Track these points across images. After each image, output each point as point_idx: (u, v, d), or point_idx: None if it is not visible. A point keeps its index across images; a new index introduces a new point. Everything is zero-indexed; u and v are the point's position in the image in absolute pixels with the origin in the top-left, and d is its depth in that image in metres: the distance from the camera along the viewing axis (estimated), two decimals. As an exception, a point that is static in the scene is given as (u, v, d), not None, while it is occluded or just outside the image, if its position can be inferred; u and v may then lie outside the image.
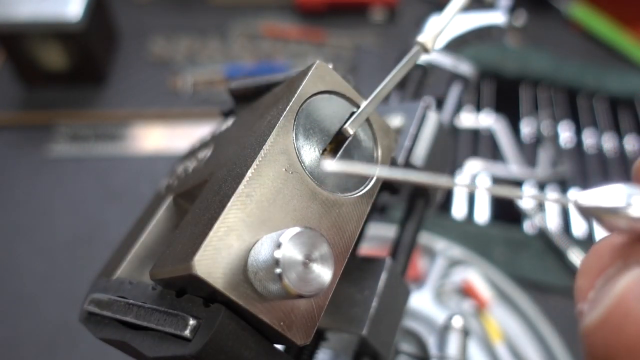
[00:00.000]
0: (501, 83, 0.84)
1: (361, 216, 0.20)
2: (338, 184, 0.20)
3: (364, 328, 0.23)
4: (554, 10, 0.99)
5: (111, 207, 0.70)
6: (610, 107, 0.83)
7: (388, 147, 0.22)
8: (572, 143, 0.78)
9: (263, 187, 0.18)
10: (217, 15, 0.94)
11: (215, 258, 0.16)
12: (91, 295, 0.22)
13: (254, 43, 0.90)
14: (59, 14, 0.73)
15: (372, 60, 0.88)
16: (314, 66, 0.21)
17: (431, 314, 0.55)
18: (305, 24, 0.93)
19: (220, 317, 0.16)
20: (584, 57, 0.91)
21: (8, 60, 0.78)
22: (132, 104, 0.81)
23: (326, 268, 0.16)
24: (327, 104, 0.21)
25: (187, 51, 0.88)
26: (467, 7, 0.22)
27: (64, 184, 0.72)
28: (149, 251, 0.25)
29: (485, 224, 0.67)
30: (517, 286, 0.59)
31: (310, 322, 0.18)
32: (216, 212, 0.17)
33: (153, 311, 0.18)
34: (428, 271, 0.60)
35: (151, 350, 0.17)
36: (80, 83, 0.82)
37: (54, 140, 0.76)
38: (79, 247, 0.66)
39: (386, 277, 0.24)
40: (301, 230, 0.16)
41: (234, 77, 0.83)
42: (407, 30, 0.93)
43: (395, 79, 0.21)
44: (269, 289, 0.16)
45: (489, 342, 0.55)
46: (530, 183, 0.72)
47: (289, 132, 0.19)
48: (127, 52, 0.88)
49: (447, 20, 0.22)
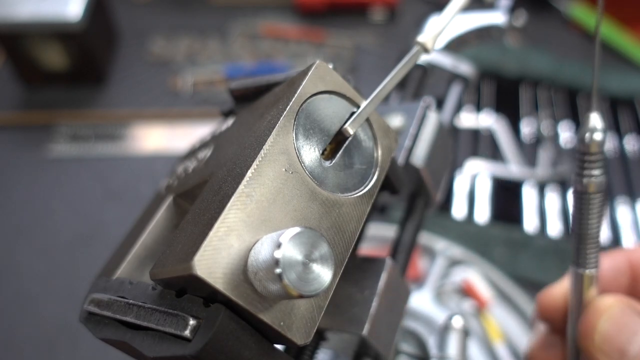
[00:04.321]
0: (501, 83, 0.84)
1: (361, 216, 0.20)
2: (338, 184, 0.20)
3: (364, 328, 0.23)
4: (554, 10, 0.99)
5: (111, 207, 0.70)
6: (610, 107, 0.83)
7: (388, 147, 0.22)
8: (572, 143, 0.78)
9: (263, 187, 0.18)
10: (217, 15, 0.94)
11: (215, 258, 0.16)
12: (91, 295, 0.22)
13: (254, 43, 0.90)
14: (59, 14, 0.73)
15: (372, 60, 0.88)
16: (314, 66, 0.21)
17: (431, 314, 0.55)
18: (305, 24, 0.93)
19: (220, 317, 0.16)
20: (584, 57, 0.91)
21: (8, 60, 0.78)
22: (132, 104, 0.81)
23: (326, 268, 0.16)
24: (327, 104, 0.21)
25: (187, 51, 0.88)
26: (467, 7, 0.22)
27: (64, 184, 0.72)
28: (149, 251, 0.25)
29: (485, 224, 0.67)
30: (517, 286, 0.59)
31: (310, 322, 0.18)
32: (216, 212, 0.17)
33: (153, 311, 0.18)
34: (428, 271, 0.60)
35: (151, 350, 0.17)
36: (80, 83, 0.82)
37: (54, 140, 0.76)
38: (79, 247, 0.66)
39: (386, 277, 0.24)
40: (301, 230, 0.16)
41: (234, 77, 0.83)
42: (407, 30, 0.93)
43: (395, 79, 0.21)
44: (269, 289, 0.16)
45: (489, 342, 0.55)
46: (530, 183, 0.72)
47: (289, 132, 0.19)
48: (127, 52, 0.88)
49: (447, 20, 0.22)
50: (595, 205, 0.23)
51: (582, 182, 0.22)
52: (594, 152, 0.22)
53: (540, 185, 0.72)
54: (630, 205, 0.70)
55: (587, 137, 0.21)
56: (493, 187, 0.71)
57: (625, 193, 0.72)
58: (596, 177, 0.22)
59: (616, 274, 0.29)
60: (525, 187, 0.71)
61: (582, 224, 0.23)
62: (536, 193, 0.71)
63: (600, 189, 0.22)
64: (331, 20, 0.94)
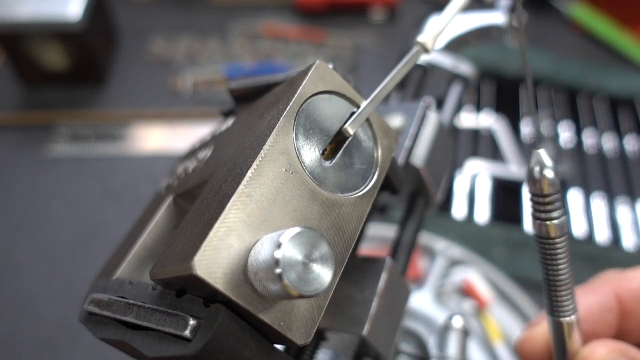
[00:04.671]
0: (501, 83, 0.84)
1: (361, 216, 0.20)
2: (338, 184, 0.20)
3: (364, 328, 0.23)
4: (554, 10, 0.99)
5: (111, 207, 0.70)
6: (610, 107, 0.83)
7: (388, 147, 0.22)
8: (572, 143, 0.78)
9: (263, 187, 0.18)
10: (217, 15, 0.94)
11: (215, 258, 0.16)
12: (91, 295, 0.22)
13: (254, 43, 0.90)
14: (59, 14, 0.73)
15: (372, 60, 0.88)
16: (314, 66, 0.21)
17: (431, 314, 0.55)
18: (305, 24, 0.93)
19: (220, 317, 0.16)
20: (584, 57, 0.91)
21: (8, 60, 0.78)
22: (132, 104, 0.81)
23: (326, 268, 0.16)
24: (327, 104, 0.21)
25: (187, 51, 0.88)
26: (467, 7, 0.22)
27: (64, 184, 0.72)
28: (149, 251, 0.25)
29: (485, 224, 0.67)
30: (517, 286, 0.59)
31: (310, 322, 0.18)
32: (216, 212, 0.17)
33: (153, 311, 0.18)
34: (428, 271, 0.60)
35: (151, 350, 0.17)
36: (80, 83, 0.82)
37: (54, 140, 0.76)
38: (79, 247, 0.66)
39: (386, 277, 0.24)
40: (301, 230, 0.16)
41: (234, 77, 0.83)
42: (407, 30, 0.93)
43: (395, 79, 0.21)
44: (269, 289, 0.16)
45: (489, 342, 0.55)
46: (530, 183, 0.72)
47: (289, 132, 0.19)
48: (127, 52, 0.88)
49: (447, 20, 0.22)
50: (560, 249, 0.20)
51: (541, 228, 0.20)
52: (548, 193, 0.19)
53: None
54: (630, 205, 0.70)
55: (537, 176, 0.19)
56: (493, 187, 0.71)
57: (625, 193, 0.72)
58: (556, 219, 0.20)
59: (603, 311, 0.26)
60: (525, 187, 0.71)
61: (549, 271, 0.21)
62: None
63: (563, 232, 0.20)
64: (331, 20, 0.94)
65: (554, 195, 0.19)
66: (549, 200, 0.20)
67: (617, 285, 0.27)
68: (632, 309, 0.26)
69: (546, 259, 0.21)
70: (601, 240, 0.67)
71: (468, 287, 0.58)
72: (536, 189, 0.19)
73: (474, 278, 0.59)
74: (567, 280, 0.21)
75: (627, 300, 0.26)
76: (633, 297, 0.26)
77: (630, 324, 0.26)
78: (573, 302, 0.22)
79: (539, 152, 0.19)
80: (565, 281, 0.21)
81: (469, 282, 0.58)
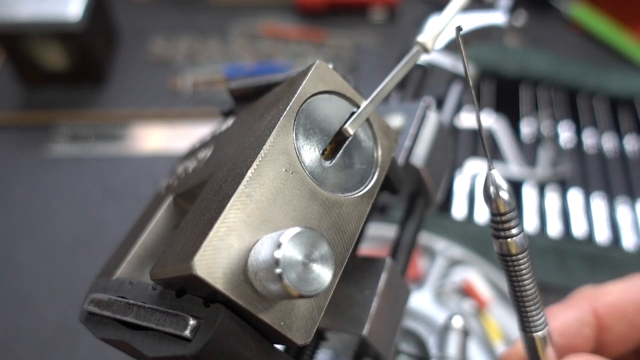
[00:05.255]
0: (501, 83, 0.84)
1: (361, 216, 0.20)
2: (338, 184, 0.20)
3: (364, 328, 0.23)
4: (554, 10, 0.99)
5: (111, 207, 0.70)
6: (610, 107, 0.83)
7: (388, 147, 0.22)
8: (572, 143, 0.78)
9: (263, 187, 0.18)
10: (217, 15, 0.94)
11: (215, 258, 0.16)
12: (91, 295, 0.22)
13: (253, 43, 0.90)
14: (59, 14, 0.73)
15: (372, 60, 0.88)
16: (314, 66, 0.21)
17: (431, 314, 0.55)
18: (305, 24, 0.93)
19: (221, 317, 0.16)
20: (584, 57, 0.91)
21: (8, 60, 0.78)
22: (132, 104, 0.81)
23: (326, 268, 0.16)
24: (327, 104, 0.21)
25: (187, 51, 0.88)
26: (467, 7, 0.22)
27: (64, 184, 0.72)
28: (149, 251, 0.25)
29: (485, 224, 0.67)
30: (517, 286, 0.59)
31: (310, 322, 0.18)
32: (216, 212, 0.17)
33: (153, 311, 0.18)
34: (428, 271, 0.60)
35: (151, 350, 0.17)
36: (80, 83, 0.82)
37: (54, 140, 0.76)
38: (79, 247, 0.66)
39: (386, 277, 0.24)
40: (301, 230, 0.16)
41: (234, 77, 0.83)
42: (407, 30, 0.93)
43: (395, 79, 0.21)
44: (269, 289, 0.16)
45: (489, 342, 0.55)
46: (530, 183, 0.72)
47: (289, 132, 0.19)
48: (127, 52, 0.88)
49: (447, 20, 0.22)
50: (523, 265, 0.21)
51: (502, 246, 0.21)
52: (504, 211, 0.20)
53: (540, 185, 0.72)
54: (630, 205, 0.70)
55: (493, 197, 0.20)
56: (493, 187, 0.71)
57: (625, 193, 0.72)
58: (515, 236, 0.20)
59: (580, 325, 0.27)
60: (525, 187, 0.71)
61: (515, 287, 0.21)
62: (536, 193, 0.71)
63: (524, 248, 0.21)
64: (331, 20, 0.94)
65: (510, 213, 0.20)
66: (506, 219, 0.20)
67: (593, 300, 0.27)
68: (609, 323, 0.27)
69: (511, 276, 0.21)
70: (601, 241, 0.67)
71: (468, 287, 0.58)
72: (493, 209, 0.20)
73: (474, 278, 0.59)
74: (533, 295, 0.21)
75: (604, 315, 0.27)
76: (609, 311, 0.27)
77: (608, 337, 0.27)
78: (543, 316, 0.22)
79: (492, 173, 0.20)
80: (532, 296, 0.21)
81: (469, 282, 0.58)
